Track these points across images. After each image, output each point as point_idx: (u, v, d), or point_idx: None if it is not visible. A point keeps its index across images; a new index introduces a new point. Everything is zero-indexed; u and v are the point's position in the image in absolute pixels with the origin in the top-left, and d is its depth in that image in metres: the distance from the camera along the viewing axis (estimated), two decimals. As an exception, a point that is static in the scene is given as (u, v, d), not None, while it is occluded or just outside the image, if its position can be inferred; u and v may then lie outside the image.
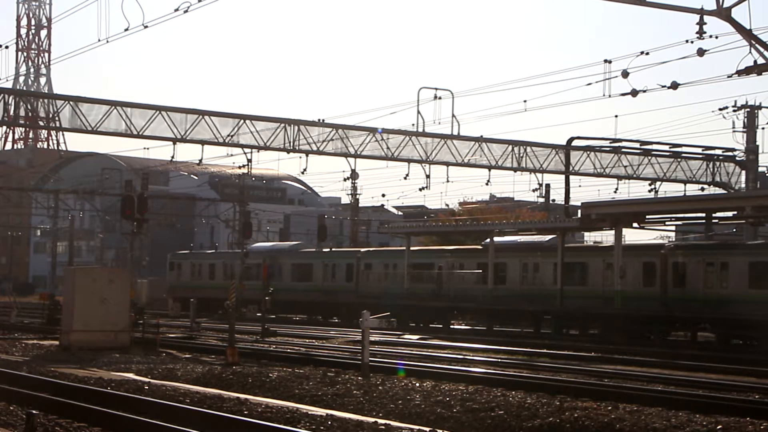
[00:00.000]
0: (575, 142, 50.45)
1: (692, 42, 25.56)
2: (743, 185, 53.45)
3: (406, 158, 46.91)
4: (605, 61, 38.08)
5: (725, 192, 52.38)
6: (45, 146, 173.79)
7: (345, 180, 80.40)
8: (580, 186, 72.42)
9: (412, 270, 56.74)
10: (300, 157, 45.84)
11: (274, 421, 15.99)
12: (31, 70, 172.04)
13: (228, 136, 43.86)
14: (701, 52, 26.30)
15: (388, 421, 16.54)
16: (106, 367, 27.18)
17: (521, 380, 23.50)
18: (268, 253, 66.20)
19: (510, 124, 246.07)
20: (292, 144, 45.03)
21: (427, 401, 19.03)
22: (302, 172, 46.23)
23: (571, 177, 50.91)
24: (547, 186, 61.00)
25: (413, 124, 46.16)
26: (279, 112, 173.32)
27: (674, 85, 33.84)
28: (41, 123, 46.45)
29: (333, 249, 70.09)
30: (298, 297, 63.31)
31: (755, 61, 23.68)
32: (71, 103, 41.68)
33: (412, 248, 59.40)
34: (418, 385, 21.66)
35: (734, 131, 53.63)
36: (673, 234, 65.28)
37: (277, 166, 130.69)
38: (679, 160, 52.96)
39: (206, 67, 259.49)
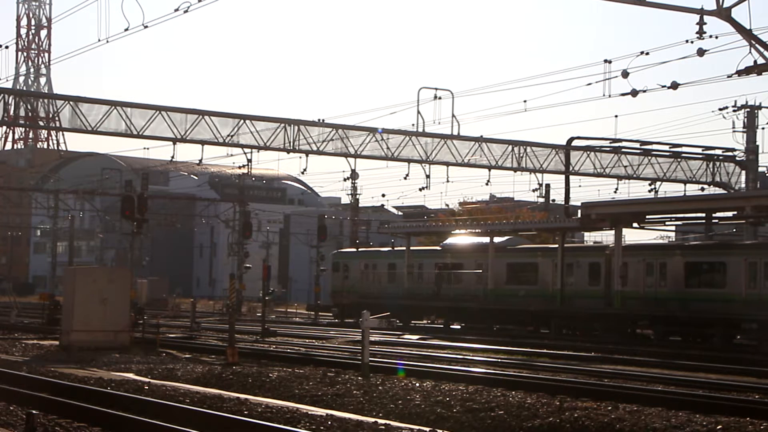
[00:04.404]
0: (575, 142, 50.45)
1: (692, 42, 25.65)
2: (743, 185, 53.44)
3: (406, 158, 46.91)
4: (605, 61, 38.17)
5: (725, 192, 52.37)
6: (45, 146, 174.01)
7: (345, 180, 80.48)
8: (580, 186, 72.36)
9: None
10: (300, 157, 45.89)
11: (274, 421, 15.98)
12: (31, 70, 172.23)
13: (228, 136, 43.87)
14: (701, 52, 26.33)
15: (388, 421, 16.53)
16: (106, 367, 27.15)
17: (521, 380, 23.45)
18: (464, 250, 56.54)
19: (510, 124, 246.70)
20: (292, 144, 45.03)
21: (427, 401, 19.01)
22: (302, 172, 46.30)
23: (571, 177, 50.94)
24: (547, 186, 60.81)
25: (413, 124, 46.25)
26: (279, 112, 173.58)
27: (674, 85, 33.84)
28: (41, 123, 46.49)
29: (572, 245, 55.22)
30: (515, 304, 51.05)
31: (755, 61, 23.72)
32: (71, 103, 41.67)
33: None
34: (418, 385, 21.62)
35: (734, 131, 53.67)
36: (673, 234, 65.30)
37: (277, 166, 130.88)
38: (679, 160, 52.96)
39: (206, 67, 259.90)
